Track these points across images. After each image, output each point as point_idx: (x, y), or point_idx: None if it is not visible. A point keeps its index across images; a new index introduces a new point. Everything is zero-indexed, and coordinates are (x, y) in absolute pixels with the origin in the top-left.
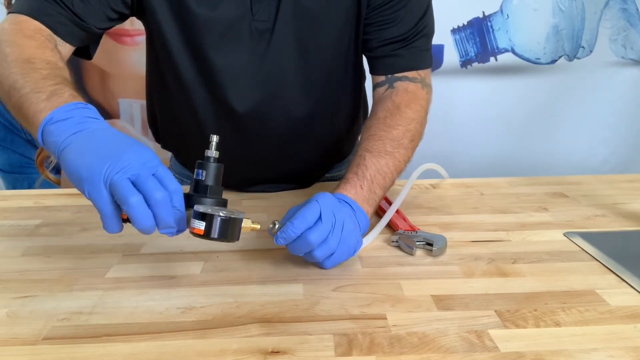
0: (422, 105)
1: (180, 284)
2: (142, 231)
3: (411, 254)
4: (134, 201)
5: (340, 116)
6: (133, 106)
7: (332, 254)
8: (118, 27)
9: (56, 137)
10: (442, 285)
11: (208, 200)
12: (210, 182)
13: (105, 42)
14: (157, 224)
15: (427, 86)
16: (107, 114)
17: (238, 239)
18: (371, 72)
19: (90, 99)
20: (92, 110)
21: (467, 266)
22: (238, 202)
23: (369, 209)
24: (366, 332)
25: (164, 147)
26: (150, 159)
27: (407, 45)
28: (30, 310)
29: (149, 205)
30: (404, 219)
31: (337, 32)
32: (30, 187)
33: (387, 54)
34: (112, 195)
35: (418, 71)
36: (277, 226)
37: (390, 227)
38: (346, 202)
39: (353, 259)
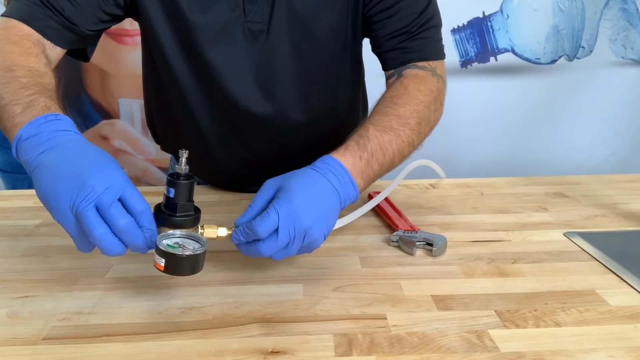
0: (431, 90)
1: (180, 284)
2: (111, 256)
3: (411, 254)
4: (98, 233)
5: (339, 115)
6: (133, 106)
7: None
8: (118, 27)
9: (27, 156)
10: (442, 285)
11: (177, 220)
12: (180, 200)
13: (105, 42)
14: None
15: (439, 76)
16: (107, 114)
17: (202, 269)
18: (383, 69)
19: (90, 99)
20: (64, 121)
21: (467, 266)
22: (238, 202)
23: (361, 183)
24: (366, 332)
25: (163, 149)
26: (114, 182)
27: (413, 37)
28: (30, 310)
29: (114, 232)
30: (404, 219)
31: (333, 32)
32: (30, 187)
33: (393, 48)
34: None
35: (428, 62)
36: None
37: (390, 227)
38: (335, 173)
39: (353, 259)
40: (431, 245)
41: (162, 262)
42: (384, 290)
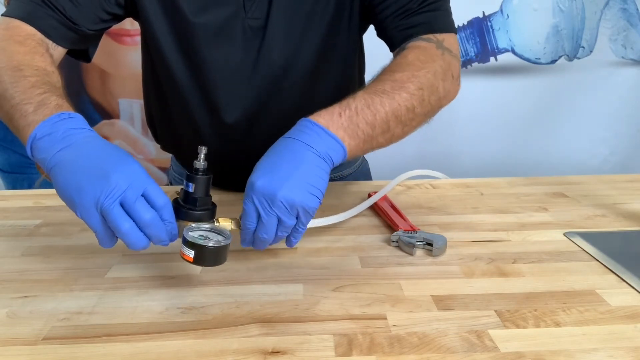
0: (434, 59)
1: (180, 284)
2: (136, 250)
3: (411, 254)
4: (126, 228)
5: None
6: (133, 106)
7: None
8: (118, 27)
9: (43, 154)
10: (442, 285)
11: (196, 214)
12: (199, 194)
13: (105, 42)
14: (150, 240)
15: (445, 49)
16: (107, 114)
17: (226, 260)
18: (390, 51)
19: (90, 99)
20: (77, 119)
21: (467, 266)
22: (237, 202)
23: (347, 139)
24: (366, 332)
25: (164, 148)
26: (137, 178)
27: (414, 13)
28: (30, 310)
29: (139, 226)
30: (404, 219)
31: (331, 26)
32: (30, 187)
33: (395, 26)
34: (104, 218)
35: (433, 34)
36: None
37: (391, 227)
38: (305, 132)
39: (353, 259)
40: (431, 245)
41: (191, 253)
42: (384, 290)
